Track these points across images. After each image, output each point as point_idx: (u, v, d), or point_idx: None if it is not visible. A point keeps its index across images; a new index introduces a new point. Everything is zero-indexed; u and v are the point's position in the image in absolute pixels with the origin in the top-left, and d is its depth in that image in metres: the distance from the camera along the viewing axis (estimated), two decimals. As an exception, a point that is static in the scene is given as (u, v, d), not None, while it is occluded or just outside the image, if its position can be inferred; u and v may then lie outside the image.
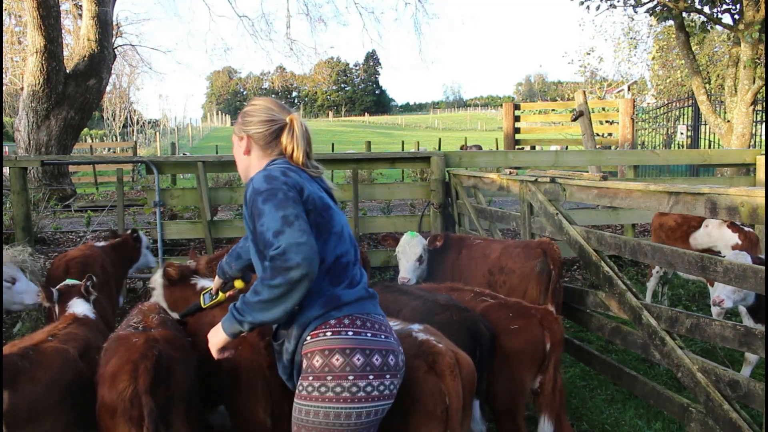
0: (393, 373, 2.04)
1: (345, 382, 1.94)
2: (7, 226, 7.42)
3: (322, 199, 2.12)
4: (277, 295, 1.87)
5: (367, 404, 1.96)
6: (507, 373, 3.13)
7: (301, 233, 1.89)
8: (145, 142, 36.74)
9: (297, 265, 1.85)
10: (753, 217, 2.85)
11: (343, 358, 1.96)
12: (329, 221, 2.09)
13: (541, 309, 3.30)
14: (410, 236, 4.81)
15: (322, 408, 1.95)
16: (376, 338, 2.03)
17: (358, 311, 2.05)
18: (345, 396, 1.93)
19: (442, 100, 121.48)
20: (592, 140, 12.91)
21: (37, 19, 11.09)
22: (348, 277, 2.09)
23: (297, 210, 1.95)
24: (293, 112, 2.30)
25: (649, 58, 23.46)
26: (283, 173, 2.06)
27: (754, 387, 2.91)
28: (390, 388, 2.02)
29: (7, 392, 2.35)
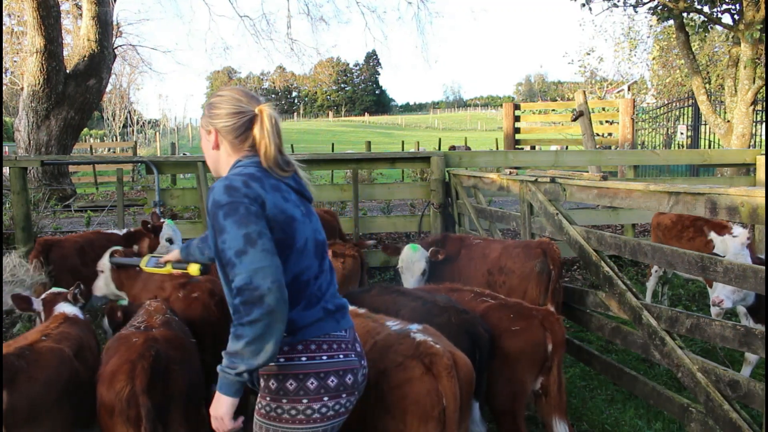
0: (350, 391, 2.02)
1: (299, 405, 1.94)
2: (7, 226, 7.42)
3: (285, 211, 1.96)
4: (262, 329, 1.78)
5: (322, 424, 1.96)
6: (507, 373, 3.13)
7: (265, 254, 1.82)
8: (145, 142, 36.76)
9: (268, 290, 1.78)
10: (753, 217, 2.85)
11: (297, 382, 1.94)
12: (292, 236, 1.96)
13: (543, 310, 3.29)
14: (413, 251, 4.66)
15: (280, 427, 1.96)
16: (332, 360, 1.99)
17: (313, 335, 1.99)
18: (300, 418, 1.94)
19: (442, 100, 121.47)
20: (592, 140, 12.91)
21: (37, 19, 11.09)
22: (305, 296, 2.00)
23: (260, 226, 1.86)
24: (263, 102, 2.10)
25: (649, 58, 23.47)
26: (244, 183, 1.91)
27: (754, 387, 2.91)
28: (346, 405, 2.02)
29: (6, 392, 2.35)
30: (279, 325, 1.82)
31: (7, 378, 2.39)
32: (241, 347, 1.79)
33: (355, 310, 3.02)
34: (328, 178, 16.63)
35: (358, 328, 2.75)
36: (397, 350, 2.49)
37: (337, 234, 6.21)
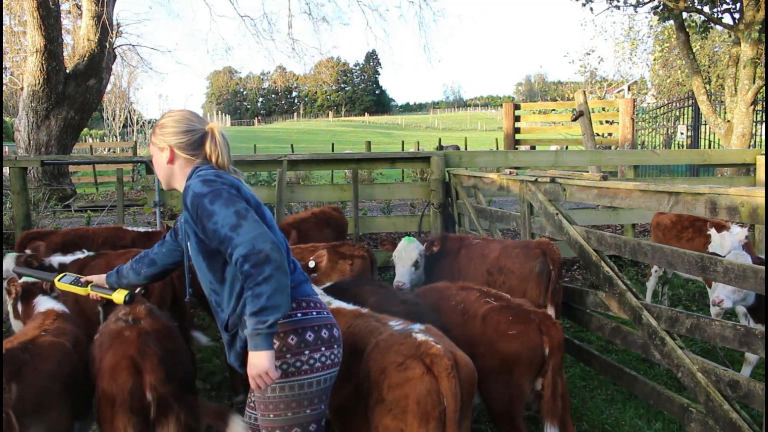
0: (339, 342, 2.31)
1: (303, 356, 2.18)
2: (7, 226, 7.43)
3: (254, 196, 2.26)
4: (277, 282, 2.01)
5: (322, 373, 2.22)
6: (505, 377, 3.12)
7: (257, 224, 2.07)
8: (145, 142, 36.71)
9: (271, 249, 2.02)
10: (753, 217, 2.85)
11: (297, 336, 2.18)
12: (263, 216, 2.23)
13: (540, 313, 3.28)
14: (407, 242, 4.80)
15: (286, 383, 2.16)
16: (320, 315, 2.28)
17: (300, 295, 2.26)
18: (305, 368, 2.17)
19: (442, 100, 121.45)
20: (592, 140, 12.92)
21: (37, 19, 11.10)
22: (290, 262, 2.27)
23: (244, 203, 2.12)
24: (209, 122, 2.39)
25: (651, 58, 23.46)
26: (217, 175, 2.19)
27: (754, 387, 2.91)
28: (338, 356, 2.31)
29: (14, 384, 2.45)
30: (287, 278, 2.06)
31: (13, 371, 2.48)
32: (265, 302, 1.99)
33: (357, 309, 3.03)
34: (328, 178, 16.62)
35: (360, 328, 2.76)
36: (398, 350, 2.49)
37: (344, 230, 6.20)
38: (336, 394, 2.77)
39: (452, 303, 3.50)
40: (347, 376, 2.69)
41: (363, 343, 2.68)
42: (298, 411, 2.17)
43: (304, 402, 2.17)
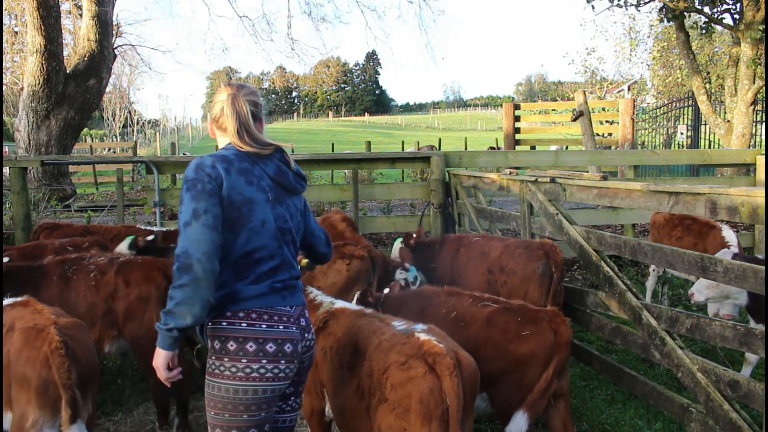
0: (288, 359, 2.26)
1: (239, 364, 2.19)
2: (7, 226, 7.43)
3: (243, 193, 2.20)
4: (189, 293, 2.06)
5: (260, 383, 2.20)
6: (517, 378, 3.10)
7: (204, 228, 2.08)
8: (145, 142, 36.75)
9: (197, 260, 2.06)
10: (753, 217, 2.85)
11: (237, 344, 2.19)
12: (247, 215, 2.20)
13: (549, 311, 3.26)
14: (396, 243, 5.07)
15: (222, 383, 2.21)
16: (272, 329, 2.23)
17: (256, 305, 2.23)
18: (239, 376, 2.18)
19: (442, 100, 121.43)
20: (592, 140, 12.91)
21: (37, 19, 11.10)
22: (256, 272, 2.23)
23: (208, 204, 2.11)
24: (239, 90, 2.34)
25: (650, 58, 23.47)
26: (212, 164, 2.19)
27: (754, 387, 2.91)
28: (285, 371, 2.26)
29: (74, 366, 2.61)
30: (204, 291, 2.08)
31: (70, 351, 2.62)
32: (172, 307, 2.07)
33: (361, 310, 3.03)
34: (328, 178, 16.62)
35: (364, 328, 2.76)
36: (400, 349, 2.49)
37: None
38: (339, 394, 2.78)
39: (443, 310, 3.43)
40: (350, 376, 2.69)
41: (366, 343, 2.68)
42: (235, 414, 2.21)
43: (239, 407, 2.20)
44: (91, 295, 3.90)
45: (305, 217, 2.54)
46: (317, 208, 9.58)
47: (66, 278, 3.94)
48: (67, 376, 2.55)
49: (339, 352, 2.81)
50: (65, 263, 4.01)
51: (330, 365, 2.85)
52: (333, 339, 2.89)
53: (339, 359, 2.79)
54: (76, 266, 4.01)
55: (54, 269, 3.96)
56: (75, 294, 3.90)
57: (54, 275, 3.93)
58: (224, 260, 2.18)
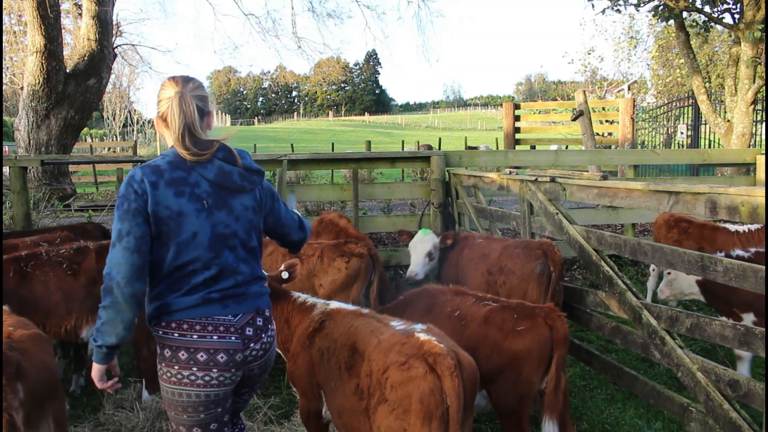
0: (222, 368, 2.28)
1: (173, 369, 2.27)
2: (7, 226, 7.42)
3: (170, 207, 2.19)
4: (112, 315, 2.14)
5: (193, 389, 2.27)
6: (514, 374, 3.12)
7: (125, 251, 2.14)
8: (145, 141, 36.75)
9: (117, 284, 2.12)
10: (753, 216, 2.85)
11: (171, 352, 2.27)
12: (177, 229, 2.20)
13: (545, 307, 3.28)
14: (423, 233, 5.02)
15: (163, 386, 2.33)
16: (203, 339, 2.26)
17: (189, 316, 2.26)
18: (173, 380, 2.28)
19: (442, 100, 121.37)
20: (592, 140, 12.91)
21: (37, 18, 11.09)
22: (189, 283, 2.25)
23: (131, 225, 2.15)
24: (184, 86, 2.28)
25: (649, 57, 23.47)
26: (140, 179, 2.19)
27: (754, 387, 2.92)
28: (219, 379, 2.29)
29: (20, 383, 2.37)
30: (125, 314, 2.15)
31: (11, 372, 2.38)
32: (99, 326, 2.18)
33: (358, 310, 3.03)
34: (328, 178, 16.62)
35: (362, 328, 2.76)
36: (400, 349, 2.49)
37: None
38: (337, 395, 2.77)
39: (447, 309, 3.47)
40: (348, 376, 2.69)
41: (364, 343, 2.68)
42: (177, 413, 2.33)
43: (178, 407, 2.31)
44: (67, 284, 4.02)
45: (263, 212, 2.47)
46: (317, 207, 9.58)
47: (24, 273, 4.03)
48: (3, 396, 2.29)
49: (336, 353, 2.80)
50: (19, 260, 4.07)
51: (327, 366, 2.85)
52: (330, 340, 2.89)
53: (336, 360, 2.78)
54: (34, 261, 4.10)
55: (8, 267, 4.02)
56: (41, 287, 4.00)
57: (9, 272, 3.99)
58: (158, 274, 2.24)
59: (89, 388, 4.54)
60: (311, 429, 3.12)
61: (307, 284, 4.53)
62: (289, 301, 3.30)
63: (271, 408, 4.07)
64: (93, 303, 4.14)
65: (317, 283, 4.52)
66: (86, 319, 4.14)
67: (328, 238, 5.41)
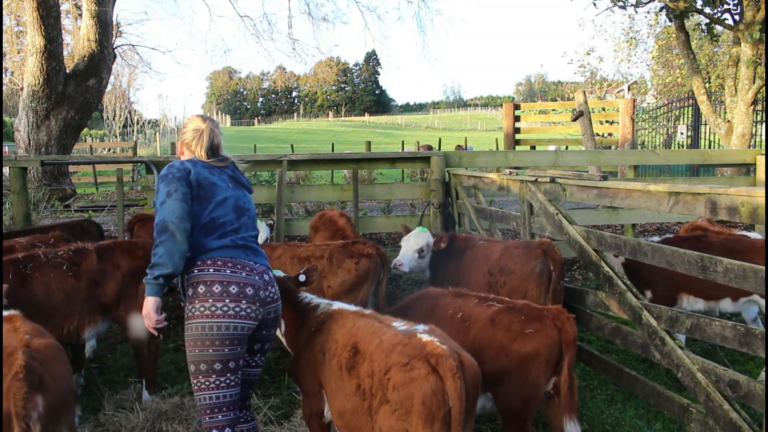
0: (250, 300, 2.72)
1: (207, 303, 2.66)
2: (7, 226, 7.42)
3: (208, 178, 2.86)
4: (169, 246, 2.63)
5: (225, 320, 2.64)
6: (521, 376, 3.11)
7: (176, 202, 2.70)
8: (145, 142, 36.75)
9: (172, 222, 2.66)
10: (753, 217, 2.85)
11: (205, 287, 2.68)
12: (212, 193, 2.84)
13: (553, 309, 3.27)
14: (419, 230, 5.03)
15: (193, 323, 2.67)
16: (234, 274, 2.73)
17: (221, 255, 2.75)
18: (207, 313, 2.64)
19: (442, 100, 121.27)
20: (592, 140, 12.91)
21: (37, 19, 11.09)
22: (219, 231, 2.80)
23: (178, 185, 2.74)
24: (212, 123, 3.05)
25: (649, 57, 23.47)
26: (180, 163, 2.86)
27: (754, 387, 2.92)
28: (246, 311, 2.70)
29: (40, 396, 2.33)
30: (180, 245, 2.65)
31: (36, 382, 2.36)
32: (156, 260, 2.65)
33: (360, 310, 3.04)
34: (328, 178, 16.62)
35: (364, 328, 2.76)
36: (402, 350, 2.49)
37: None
38: (339, 395, 2.77)
39: (449, 311, 3.46)
40: (350, 377, 2.68)
41: (366, 344, 2.67)
42: (203, 349, 2.65)
43: (206, 341, 2.64)
44: (69, 285, 4.05)
45: None
46: (317, 208, 9.57)
47: (23, 275, 4.01)
48: (22, 405, 2.26)
49: (338, 353, 2.80)
50: (17, 263, 4.06)
51: (329, 366, 2.85)
52: (332, 340, 2.89)
53: (338, 360, 2.78)
54: (33, 263, 4.08)
55: (7, 269, 3.99)
56: (42, 289, 3.99)
57: (9, 274, 3.97)
58: (195, 226, 2.76)
59: (89, 388, 4.54)
60: (313, 429, 3.12)
61: (315, 286, 4.52)
62: (298, 301, 3.32)
63: (271, 408, 4.06)
64: (94, 304, 4.16)
65: (325, 284, 4.51)
66: (88, 321, 4.14)
67: (324, 236, 5.40)
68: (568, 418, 3.14)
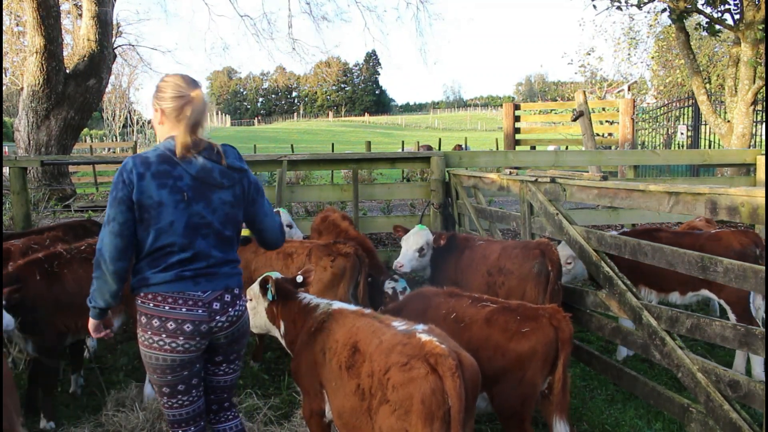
0: (188, 336, 2.60)
1: (146, 334, 2.62)
2: (7, 226, 7.43)
3: (152, 197, 2.51)
4: (100, 284, 2.57)
5: (161, 353, 2.59)
6: (518, 376, 3.11)
7: (111, 235, 2.51)
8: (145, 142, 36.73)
9: (104, 261, 2.52)
10: (753, 217, 2.85)
11: (146, 319, 2.62)
12: (156, 217, 2.53)
13: (549, 308, 3.27)
14: (418, 228, 4.99)
15: (141, 348, 2.67)
16: (174, 310, 2.59)
17: (161, 290, 2.59)
18: (146, 344, 2.63)
19: (442, 100, 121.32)
20: (592, 140, 12.91)
21: (37, 19, 11.08)
22: (164, 263, 2.58)
23: (116, 212, 2.51)
24: (200, 88, 2.66)
25: (649, 57, 23.47)
26: (131, 169, 2.52)
27: (754, 387, 2.92)
28: (184, 346, 2.60)
29: None
30: (111, 286, 2.57)
31: None
32: (92, 291, 2.61)
33: (360, 310, 3.04)
34: (328, 178, 16.62)
35: (363, 328, 2.76)
36: (402, 350, 2.49)
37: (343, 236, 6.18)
38: (338, 395, 2.77)
39: (442, 311, 3.46)
40: (350, 376, 2.68)
41: (366, 343, 2.67)
42: (152, 373, 2.67)
43: (150, 368, 2.65)
44: None
45: (242, 205, 2.75)
46: (317, 208, 9.58)
47: (50, 274, 4.04)
48: None
49: (338, 353, 2.80)
50: (41, 262, 4.08)
51: (329, 366, 2.85)
52: (332, 340, 2.89)
53: (338, 360, 2.79)
54: (57, 261, 4.14)
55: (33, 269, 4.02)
56: (74, 285, 4.05)
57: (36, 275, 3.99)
58: (140, 252, 2.59)
59: (89, 388, 4.54)
60: (313, 429, 3.12)
61: None
62: (296, 302, 3.33)
63: (271, 408, 4.06)
64: None
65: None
66: (113, 312, 4.15)
67: (328, 239, 5.42)
68: (558, 417, 3.14)
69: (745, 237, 4.53)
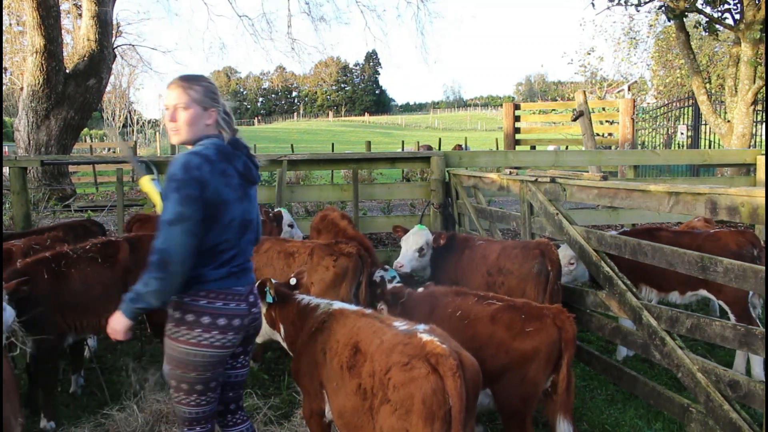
0: (235, 331, 2.62)
1: (194, 332, 2.55)
2: (7, 226, 7.43)
3: (221, 195, 2.51)
4: (165, 286, 2.42)
5: (210, 350, 2.57)
6: (521, 374, 3.12)
7: (185, 235, 2.40)
8: (145, 142, 36.77)
9: (176, 261, 2.40)
10: (753, 217, 2.85)
11: (194, 316, 2.56)
12: (221, 214, 2.52)
13: (554, 308, 3.28)
14: (418, 228, 4.99)
15: (177, 346, 2.58)
16: (225, 306, 2.59)
17: (215, 287, 2.58)
18: (192, 342, 2.56)
19: (442, 100, 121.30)
20: (592, 140, 12.91)
21: (37, 19, 11.09)
22: (218, 260, 2.57)
23: (192, 210, 2.41)
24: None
25: (649, 57, 23.48)
26: (197, 166, 2.45)
27: (754, 387, 2.92)
28: (232, 341, 2.63)
29: None
30: (176, 286, 2.47)
31: None
32: (146, 292, 2.43)
33: (361, 310, 3.04)
34: (328, 178, 16.62)
35: (364, 328, 2.76)
36: (403, 350, 2.49)
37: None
38: (339, 395, 2.77)
39: (449, 310, 3.47)
40: (351, 376, 2.69)
41: (367, 343, 2.68)
42: (186, 372, 2.59)
43: (190, 366, 2.58)
44: (107, 277, 4.13)
45: None
46: (317, 208, 9.58)
47: (58, 273, 4.04)
48: None
49: (339, 353, 2.80)
50: (48, 261, 4.08)
51: (330, 366, 2.85)
52: (333, 340, 2.89)
53: (339, 360, 2.79)
54: (64, 260, 4.12)
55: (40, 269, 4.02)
56: (80, 285, 4.06)
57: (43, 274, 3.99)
58: (196, 249, 2.49)
59: (89, 388, 4.54)
60: (313, 428, 3.12)
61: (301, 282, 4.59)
62: (294, 303, 3.34)
63: (271, 408, 4.06)
64: None
65: (309, 280, 4.55)
66: None
67: (327, 238, 5.42)
68: (562, 417, 3.15)
69: (743, 237, 4.54)
